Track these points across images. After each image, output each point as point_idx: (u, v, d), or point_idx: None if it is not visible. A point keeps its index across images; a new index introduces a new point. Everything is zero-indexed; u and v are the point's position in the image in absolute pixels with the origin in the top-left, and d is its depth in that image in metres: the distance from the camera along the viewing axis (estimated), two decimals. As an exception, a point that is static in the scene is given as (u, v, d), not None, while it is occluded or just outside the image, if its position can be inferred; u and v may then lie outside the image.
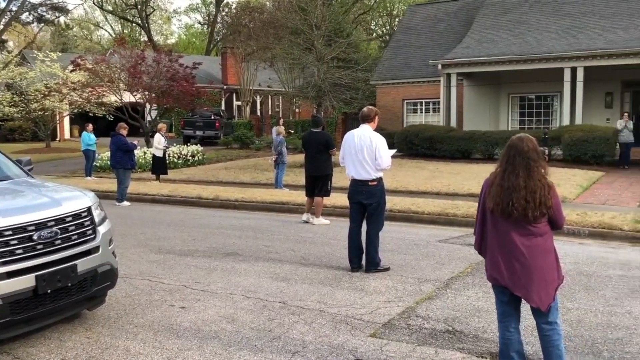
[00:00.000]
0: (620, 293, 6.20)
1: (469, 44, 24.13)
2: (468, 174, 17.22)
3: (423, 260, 7.78)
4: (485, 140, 20.94)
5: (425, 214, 11.29)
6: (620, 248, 8.80)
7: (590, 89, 22.01)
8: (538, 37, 22.91)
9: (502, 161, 3.94)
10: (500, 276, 3.92)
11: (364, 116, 7.24)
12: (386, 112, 28.66)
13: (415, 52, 28.74)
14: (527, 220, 3.81)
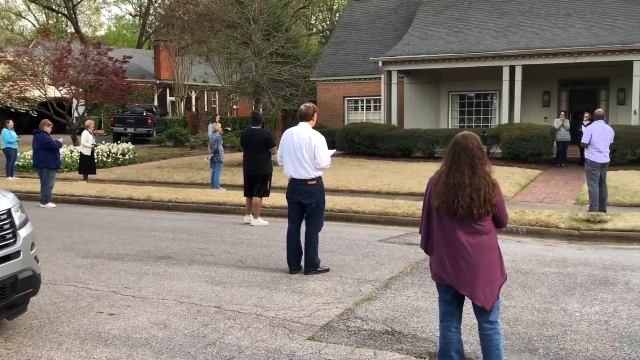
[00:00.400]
0: (556, 290, 6.46)
1: (409, 41, 24.59)
2: (409, 172, 17.55)
3: (363, 260, 7.88)
4: (425, 139, 21.39)
5: (365, 214, 11.43)
6: (557, 246, 9.18)
7: (529, 88, 22.85)
8: (477, 35, 23.60)
9: (446, 159, 4.02)
10: (445, 275, 4.00)
11: (303, 114, 7.26)
12: (327, 110, 28.86)
13: (356, 48, 29.04)
14: (472, 218, 3.91)
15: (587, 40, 20.95)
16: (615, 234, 9.61)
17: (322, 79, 28.69)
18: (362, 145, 22.30)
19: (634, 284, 6.68)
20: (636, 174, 16.18)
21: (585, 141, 11.41)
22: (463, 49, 22.42)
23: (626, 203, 12.25)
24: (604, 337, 5.06)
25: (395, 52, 23.47)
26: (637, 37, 20.31)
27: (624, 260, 7.96)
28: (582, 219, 10.30)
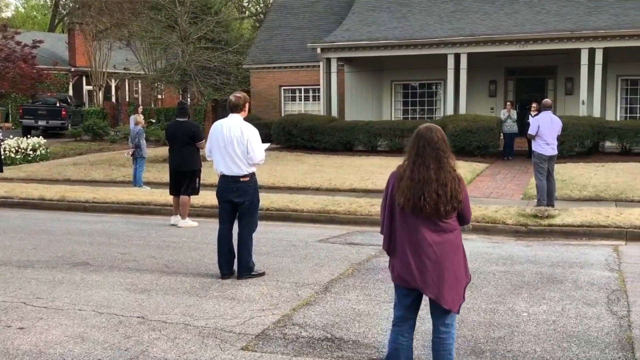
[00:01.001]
0: (503, 290, 6.67)
1: (349, 26, 24.77)
2: (350, 167, 17.72)
3: (301, 262, 7.90)
4: (368, 131, 21.62)
5: (304, 212, 11.48)
6: (504, 243, 9.47)
7: (475, 77, 23.42)
8: (421, 20, 24.01)
9: (410, 153, 4.05)
10: (411, 277, 4.02)
11: (233, 105, 7.20)
12: (262, 100, 28.75)
13: (293, 33, 29.03)
14: (439, 216, 3.96)
15: (534, 27, 21.64)
16: (564, 230, 9.98)
17: (256, 66, 28.55)
18: (301, 139, 22.33)
19: (582, 281, 6.96)
20: (584, 167, 16.86)
21: (532, 133, 11.79)
22: (406, 35, 22.76)
23: (574, 197, 12.74)
24: (552, 337, 5.25)
25: (335, 38, 23.60)
26: (585, 24, 21.14)
27: (572, 256, 8.28)
28: (529, 215, 10.64)
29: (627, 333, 5.33)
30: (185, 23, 21.97)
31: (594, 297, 6.36)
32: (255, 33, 36.92)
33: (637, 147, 19.41)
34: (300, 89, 28.49)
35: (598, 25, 20.79)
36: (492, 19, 23.16)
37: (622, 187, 13.22)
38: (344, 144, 21.95)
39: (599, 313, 5.85)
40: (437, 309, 4.09)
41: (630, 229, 9.69)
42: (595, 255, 8.37)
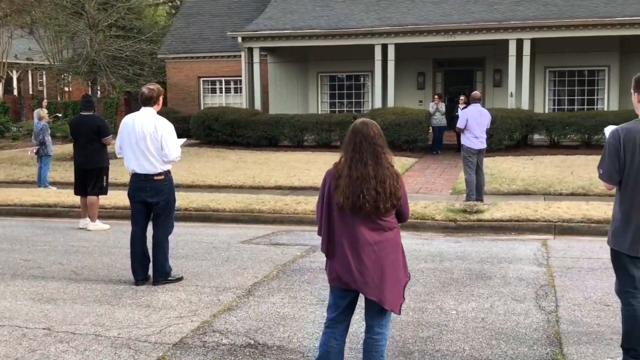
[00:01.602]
0: (432, 287, 6.83)
1: (272, 14, 24.75)
2: (275, 163, 17.73)
3: (223, 265, 7.86)
4: (293, 125, 21.68)
5: (226, 212, 11.44)
6: (433, 239, 9.70)
7: (403, 69, 23.84)
8: (346, 9, 24.24)
9: (347, 149, 4.07)
10: (351, 278, 4.05)
11: (146, 98, 7.08)
12: (179, 92, 28.37)
13: (212, 21, 28.77)
14: (378, 214, 4.01)
15: (462, 17, 22.23)
16: (493, 225, 10.30)
17: (173, 56, 28.12)
18: (222, 133, 22.17)
19: (510, 277, 7.21)
20: (513, 160, 17.47)
21: (461, 126, 12.12)
22: (331, 24, 22.93)
23: (503, 191, 13.18)
24: (481, 335, 5.42)
25: (257, 27, 23.53)
26: (513, 14, 21.87)
27: (500, 252, 8.57)
28: (458, 210, 10.94)
29: (555, 328, 5.56)
30: (93, 9, 21.41)
31: (523, 292, 6.60)
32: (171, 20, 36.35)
33: (565, 139, 20.27)
34: (221, 80, 28.26)
35: (526, 16, 21.55)
36: (419, 8, 23.63)
37: (551, 181, 13.76)
38: (269, 139, 21.92)
39: (527, 309, 6.07)
40: (373, 310, 4.15)
41: (559, 223, 10.10)
42: (524, 250, 8.68)
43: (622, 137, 4.34)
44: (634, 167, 4.33)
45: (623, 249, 4.41)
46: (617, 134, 4.37)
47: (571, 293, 6.57)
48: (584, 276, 7.22)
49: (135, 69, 21.97)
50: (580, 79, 23.55)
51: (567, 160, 17.04)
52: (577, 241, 9.32)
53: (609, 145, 4.42)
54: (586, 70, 23.43)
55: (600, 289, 6.69)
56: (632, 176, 4.35)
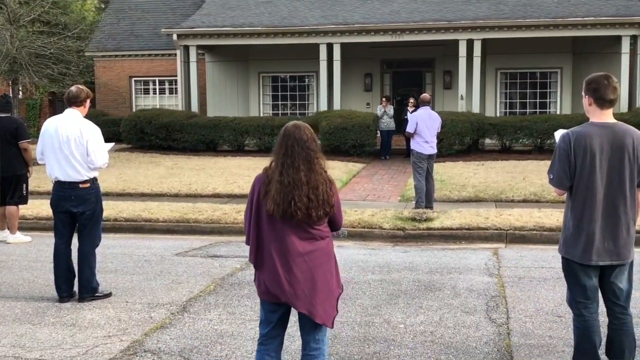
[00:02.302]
0: (379, 300, 6.89)
1: (210, 10, 24.61)
2: (214, 169, 17.61)
3: (156, 279, 7.78)
4: (233, 129, 21.57)
5: (160, 222, 11.36)
6: (381, 249, 9.78)
7: (349, 70, 24.02)
8: (290, 6, 24.30)
9: (278, 153, 4.07)
10: (280, 291, 4.04)
11: (73, 96, 6.97)
12: (109, 93, 27.92)
13: (145, 17, 28.46)
14: (310, 222, 4.01)
15: (411, 16, 22.53)
16: (443, 233, 10.47)
17: (102, 54, 27.66)
18: (156, 137, 21.89)
19: (460, 287, 7.32)
20: (464, 166, 17.76)
21: (411, 130, 12.26)
22: (274, 22, 22.93)
23: (453, 198, 13.38)
24: (430, 349, 5.48)
25: (194, 23, 23.34)
26: (463, 13, 22.28)
27: (450, 261, 8.70)
28: (407, 218, 11.06)
29: (506, 341, 5.67)
30: (14, 3, 20.91)
31: (473, 304, 6.71)
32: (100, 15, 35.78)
33: (517, 144, 20.73)
34: (155, 80, 27.92)
35: (477, 15, 21.98)
36: (366, 6, 23.85)
37: (502, 187, 14.04)
38: (207, 144, 21.75)
39: (477, 321, 6.17)
40: (307, 324, 4.15)
41: (510, 231, 10.32)
42: (475, 259, 8.83)
43: (572, 141, 4.43)
44: (585, 172, 4.41)
45: (574, 257, 4.49)
46: (568, 138, 4.46)
47: (523, 304, 6.71)
48: (535, 286, 7.38)
49: (61, 67, 21.51)
50: (532, 81, 24.17)
51: (519, 166, 17.42)
52: (529, 250, 9.53)
53: (559, 150, 4.51)
54: (538, 72, 24.05)
55: (552, 299, 6.85)
56: (582, 181, 4.43)
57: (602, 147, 4.38)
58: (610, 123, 4.47)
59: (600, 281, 4.56)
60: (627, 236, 4.45)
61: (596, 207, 4.41)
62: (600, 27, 20.94)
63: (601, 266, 4.49)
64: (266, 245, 4.10)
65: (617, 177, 4.41)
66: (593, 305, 4.55)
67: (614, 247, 4.43)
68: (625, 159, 4.39)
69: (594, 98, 4.47)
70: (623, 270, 4.53)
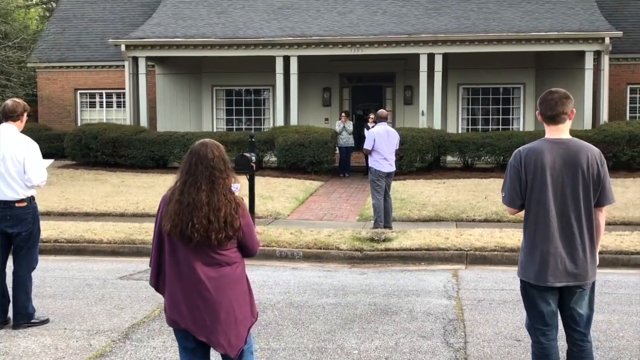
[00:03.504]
0: (333, 325, 6.89)
1: (161, 20, 24.52)
2: (164, 187, 17.31)
3: (97, 305, 7.70)
4: (184, 145, 21.37)
5: (104, 243, 11.26)
6: (338, 271, 9.81)
7: (307, 84, 24.11)
8: (245, 16, 24.34)
9: (182, 171, 4.07)
10: (180, 318, 4.04)
11: (9, 110, 6.88)
12: (52, 106, 27.58)
13: (91, 26, 28.21)
14: (211, 246, 3.99)
15: (370, 29, 22.75)
16: (402, 254, 10.54)
17: (45, 65, 27.28)
18: (102, 153, 21.66)
19: (417, 311, 7.37)
20: (425, 184, 17.92)
21: (368, 147, 12.34)
22: (228, 33, 22.94)
23: (413, 217, 13.49)
24: (384, 376, 5.50)
25: (143, 34, 23.22)
26: (424, 27, 22.59)
27: (409, 284, 8.76)
28: (365, 238, 11.11)
29: (463, 366, 5.72)
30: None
31: (430, 328, 6.76)
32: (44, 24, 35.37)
33: (479, 161, 21.00)
34: (102, 93, 27.64)
35: (438, 29, 22.30)
36: (324, 18, 24.02)
37: (463, 206, 14.20)
38: (156, 160, 21.59)
39: (434, 346, 6.22)
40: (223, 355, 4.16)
41: (471, 251, 10.43)
42: (434, 281, 8.91)
43: (523, 157, 4.45)
44: (536, 189, 4.41)
45: (530, 278, 4.45)
46: (519, 154, 4.49)
47: (481, 328, 6.78)
48: (495, 309, 7.47)
49: (1, 79, 21.15)
50: (495, 96, 24.55)
51: (481, 184, 17.65)
52: (489, 271, 9.65)
53: (510, 167, 4.53)
54: (501, 88, 24.45)
55: (511, 322, 6.93)
56: (534, 198, 4.43)
57: (553, 163, 4.39)
58: (564, 139, 4.48)
59: (560, 306, 4.53)
60: (584, 256, 4.41)
61: (550, 225, 4.39)
62: (564, 42, 21.42)
63: (560, 289, 4.45)
64: (168, 267, 4.09)
65: (570, 194, 4.40)
66: (552, 331, 4.53)
67: (571, 267, 4.39)
68: (579, 175, 4.38)
69: (541, 114, 4.55)
70: (583, 295, 4.49)
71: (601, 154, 4.54)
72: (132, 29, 25.15)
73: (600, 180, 4.45)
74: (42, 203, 12.06)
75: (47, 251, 10.64)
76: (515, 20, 22.82)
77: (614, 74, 23.90)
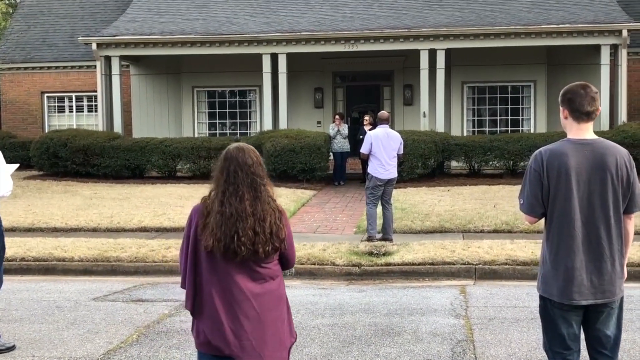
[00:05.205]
0: (330, 348, 6.86)
1: (135, 15, 24.52)
2: (140, 199, 17.43)
3: (68, 329, 7.66)
4: (163, 152, 21.41)
5: (75, 261, 11.21)
6: (334, 288, 9.78)
7: (297, 84, 24.14)
8: (228, 11, 24.37)
9: (218, 180, 4.03)
10: (224, 342, 3.95)
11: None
12: (17, 111, 27.54)
13: (59, 23, 28.23)
14: (257, 259, 3.95)
15: (366, 23, 22.80)
16: (403, 269, 10.52)
17: (8, 66, 27.25)
18: (72, 163, 21.59)
19: (422, 331, 7.34)
20: (428, 192, 17.93)
21: (365, 151, 12.33)
22: (210, 29, 22.94)
23: (416, 229, 13.47)
24: (387, 403, 5.46)
25: (116, 31, 23.21)
26: (425, 20, 22.65)
27: (412, 301, 8.73)
28: (363, 252, 11.08)
29: (474, 392, 5.68)
30: None
31: (437, 350, 6.73)
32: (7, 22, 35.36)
33: (487, 167, 21.01)
34: (71, 96, 27.61)
35: (439, 22, 22.36)
36: (315, 12, 24.06)
37: (470, 216, 14.19)
38: (132, 169, 21.53)
39: (442, 370, 6.18)
40: None
41: (480, 265, 10.42)
42: (440, 298, 8.88)
43: (545, 160, 4.33)
44: (560, 197, 4.31)
45: (552, 296, 4.34)
46: (540, 157, 4.37)
47: (493, 349, 6.75)
48: (507, 328, 7.44)
49: (-40, 82, 21.14)
50: (503, 96, 24.60)
51: (489, 192, 17.65)
52: (500, 287, 9.63)
53: (529, 170, 4.41)
54: (510, 86, 24.51)
55: (526, 343, 6.91)
56: (558, 207, 4.32)
57: (579, 168, 4.28)
58: (590, 139, 4.37)
59: (584, 326, 4.43)
60: (613, 270, 4.31)
61: (575, 237, 4.29)
62: (577, 36, 21.50)
63: (585, 308, 4.34)
64: (206, 288, 4.02)
65: (598, 202, 4.30)
66: (573, 355, 4.41)
67: (598, 283, 4.28)
68: (608, 180, 4.28)
69: (569, 110, 4.40)
70: (611, 314, 4.37)
71: (630, 155, 4.44)
72: (105, 25, 25.15)
73: (630, 185, 4.36)
74: (7, 218, 12.01)
75: (12, 271, 10.60)
76: (523, 12, 22.89)
77: (633, 70, 23.97)
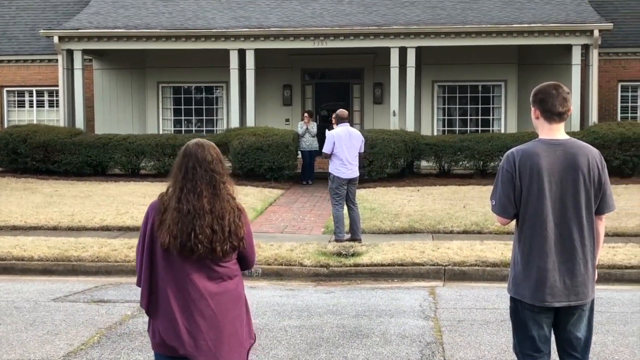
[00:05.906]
0: (297, 350, 6.87)
1: (99, 8, 24.34)
2: (102, 197, 17.33)
3: (27, 330, 7.60)
4: (126, 149, 21.29)
5: (35, 260, 11.11)
6: (301, 289, 9.78)
7: (265, 80, 24.10)
8: (195, 5, 24.27)
9: (176, 176, 4.02)
10: (179, 343, 3.95)
11: None
12: (-25, 106, 27.17)
13: (20, 15, 27.97)
14: (215, 258, 3.95)
15: (335, 19, 22.83)
16: (372, 270, 10.55)
17: (-34, 59, 26.97)
18: (32, 159, 21.39)
19: (391, 333, 7.37)
20: (397, 192, 18.00)
21: (327, 151, 12.32)
22: (176, 23, 22.83)
23: (385, 229, 13.51)
24: (355, 406, 5.47)
25: (79, 24, 23.01)
26: (395, 17, 22.73)
27: (381, 303, 8.77)
28: (331, 253, 11.11)
29: (443, 395, 5.72)
30: None
31: (405, 352, 6.76)
32: (-35, 13, 34.94)
33: (457, 167, 21.15)
34: (31, 91, 27.34)
35: (410, 20, 22.46)
36: (284, 7, 24.04)
37: (440, 216, 14.28)
38: (94, 166, 21.39)
39: (410, 372, 6.21)
40: None
41: (449, 267, 10.47)
42: (409, 300, 8.93)
43: (517, 160, 4.36)
44: (532, 197, 4.33)
45: (525, 297, 4.36)
46: (512, 157, 4.39)
47: (462, 351, 6.80)
48: (477, 330, 7.49)
49: None
50: (473, 95, 24.76)
51: (459, 192, 17.77)
52: (470, 288, 9.69)
53: (502, 171, 4.43)
54: (480, 86, 24.69)
55: (496, 345, 6.97)
56: (530, 208, 4.35)
57: (552, 168, 4.32)
58: (562, 140, 4.42)
59: (555, 328, 4.46)
60: (586, 272, 4.35)
61: (547, 238, 4.32)
62: (549, 35, 21.72)
63: (556, 310, 4.37)
64: (161, 287, 4.01)
65: (571, 203, 4.34)
66: (543, 358, 4.44)
67: (571, 285, 4.32)
68: (580, 181, 4.33)
69: (541, 110, 4.44)
70: (582, 316, 4.42)
71: (601, 155, 4.49)
72: (67, 18, 24.92)
73: (602, 186, 4.42)
74: (-37, 215, 11.86)
75: (-32, 270, 10.48)
76: (495, 11, 23.07)
77: (604, 70, 24.25)
